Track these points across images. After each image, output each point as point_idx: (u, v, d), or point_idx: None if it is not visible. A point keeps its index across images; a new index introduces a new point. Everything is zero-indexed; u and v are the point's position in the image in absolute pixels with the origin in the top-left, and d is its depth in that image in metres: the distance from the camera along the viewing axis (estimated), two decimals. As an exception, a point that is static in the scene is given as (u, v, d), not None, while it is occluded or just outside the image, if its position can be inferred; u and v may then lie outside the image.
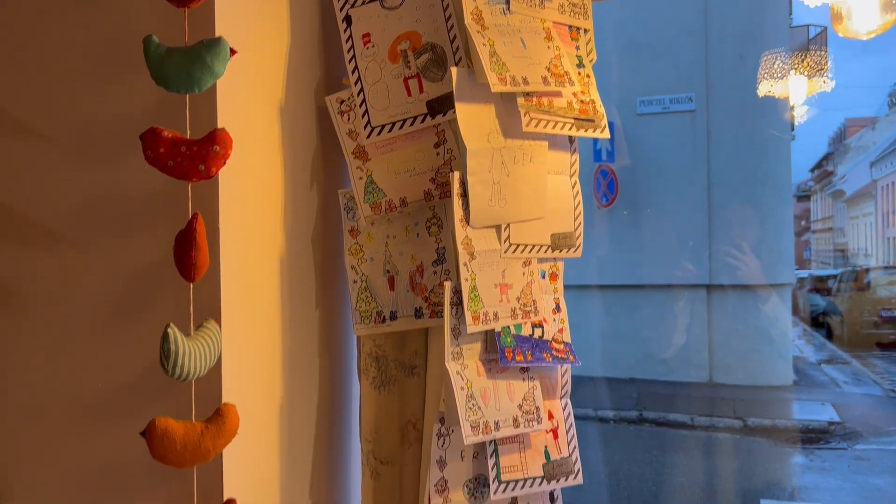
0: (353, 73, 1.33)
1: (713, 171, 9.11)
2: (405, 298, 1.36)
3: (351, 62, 1.33)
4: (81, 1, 1.13)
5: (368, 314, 1.37)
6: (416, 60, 1.31)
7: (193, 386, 1.02)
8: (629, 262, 9.13)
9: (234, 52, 1.00)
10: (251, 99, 1.20)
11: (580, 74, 1.37)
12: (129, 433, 1.02)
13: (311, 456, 1.37)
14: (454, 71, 1.24)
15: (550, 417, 1.35)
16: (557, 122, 1.30)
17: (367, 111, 1.32)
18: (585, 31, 1.41)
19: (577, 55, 1.38)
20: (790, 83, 8.00)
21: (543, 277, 1.36)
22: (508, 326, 1.28)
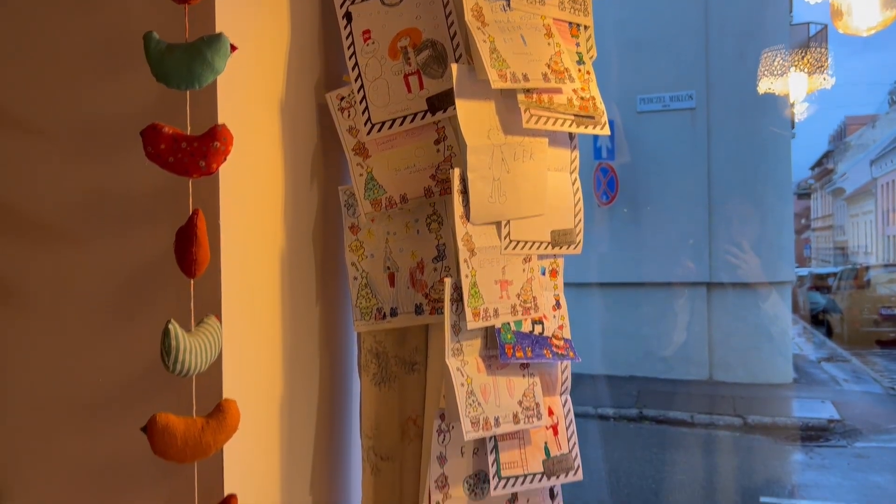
0: (353, 69, 1.33)
1: (713, 168, 9.10)
2: (405, 295, 1.36)
3: (351, 59, 1.33)
4: (82, -3, 1.14)
5: (369, 311, 1.38)
6: (416, 57, 1.31)
7: (194, 382, 1.02)
8: (629, 259, 9.13)
9: (234, 48, 1.00)
10: (252, 95, 1.20)
11: (580, 71, 1.37)
12: (130, 429, 1.02)
13: (311, 452, 1.37)
14: (454, 67, 1.24)
15: (550, 414, 1.35)
16: (558, 118, 1.31)
17: (367, 108, 1.32)
18: (586, 27, 1.41)
19: (577, 52, 1.38)
20: (790, 80, 7.98)
21: (544, 274, 1.36)
22: (508, 323, 1.28)
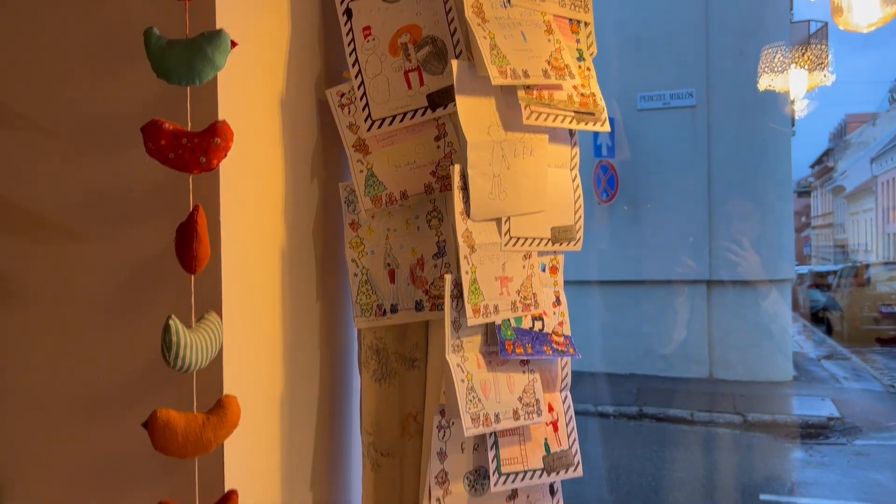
0: (353, 66, 1.33)
1: (713, 166, 9.09)
2: (406, 291, 1.36)
3: (351, 55, 1.33)
4: (82, -7, 1.14)
5: (369, 307, 1.38)
6: (416, 53, 1.31)
7: (195, 377, 1.03)
8: (629, 257, 9.12)
9: (234, 44, 1.00)
10: (252, 91, 1.20)
11: (580, 68, 1.37)
12: (130, 425, 1.03)
13: (311, 447, 1.38)
14: (455, 64, 1.24)
15: (550, 410, 1.36)
16: (558, 115, 1.31)
17: (367, 104, 1.32)
18: (586, 24, 1.41)
19: (577, 48, 1.38)
20: (790, 77, 7.97)
21: (544, 270, 1.36)
22: (509, 319, 1.28)
